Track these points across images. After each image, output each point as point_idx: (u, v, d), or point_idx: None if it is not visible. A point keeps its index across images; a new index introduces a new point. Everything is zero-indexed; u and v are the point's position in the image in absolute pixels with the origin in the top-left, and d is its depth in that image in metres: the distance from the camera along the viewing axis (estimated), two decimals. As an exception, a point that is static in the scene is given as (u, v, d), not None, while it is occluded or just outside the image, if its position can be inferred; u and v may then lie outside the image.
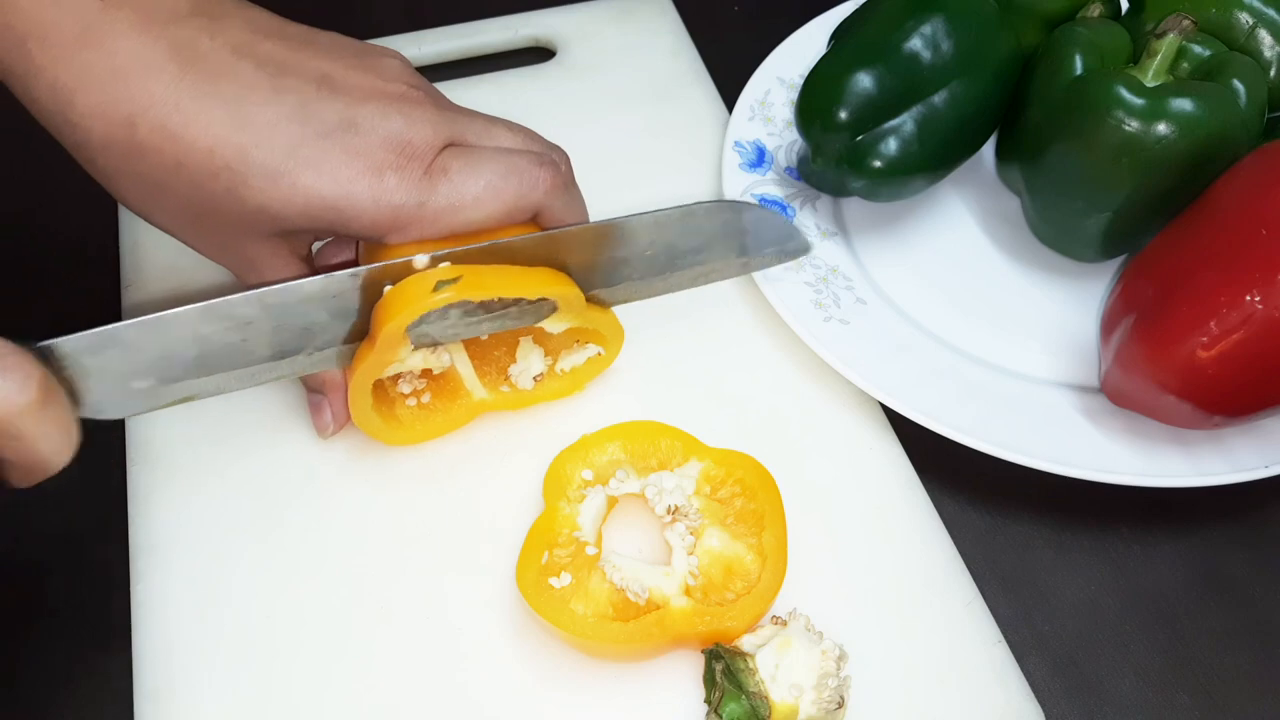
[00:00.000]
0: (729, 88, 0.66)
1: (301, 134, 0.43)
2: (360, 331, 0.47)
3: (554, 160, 0.48)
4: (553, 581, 0.46)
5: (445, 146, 0.45)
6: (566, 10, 0.70)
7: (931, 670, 0.46)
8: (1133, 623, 0.49)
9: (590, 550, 0.47)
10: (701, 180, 0.62)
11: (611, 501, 0.49)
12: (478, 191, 0.45)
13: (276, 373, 0.46)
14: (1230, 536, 0.52)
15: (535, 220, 0.48)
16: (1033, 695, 0.46)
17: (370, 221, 0.44)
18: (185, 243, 0.46)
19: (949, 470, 0.53)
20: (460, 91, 0.54)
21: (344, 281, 0.45)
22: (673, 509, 0.47)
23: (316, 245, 0.50)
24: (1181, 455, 0.51)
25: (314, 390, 0.51)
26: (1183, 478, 0.50)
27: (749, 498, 0.48)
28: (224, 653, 0.46)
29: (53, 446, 0.38)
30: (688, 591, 0.46)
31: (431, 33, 0.68)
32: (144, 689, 0.46)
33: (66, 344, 0.41)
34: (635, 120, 0.65)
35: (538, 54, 0.69)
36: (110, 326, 0.41)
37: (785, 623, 0.45)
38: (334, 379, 0.50)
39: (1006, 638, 0.47)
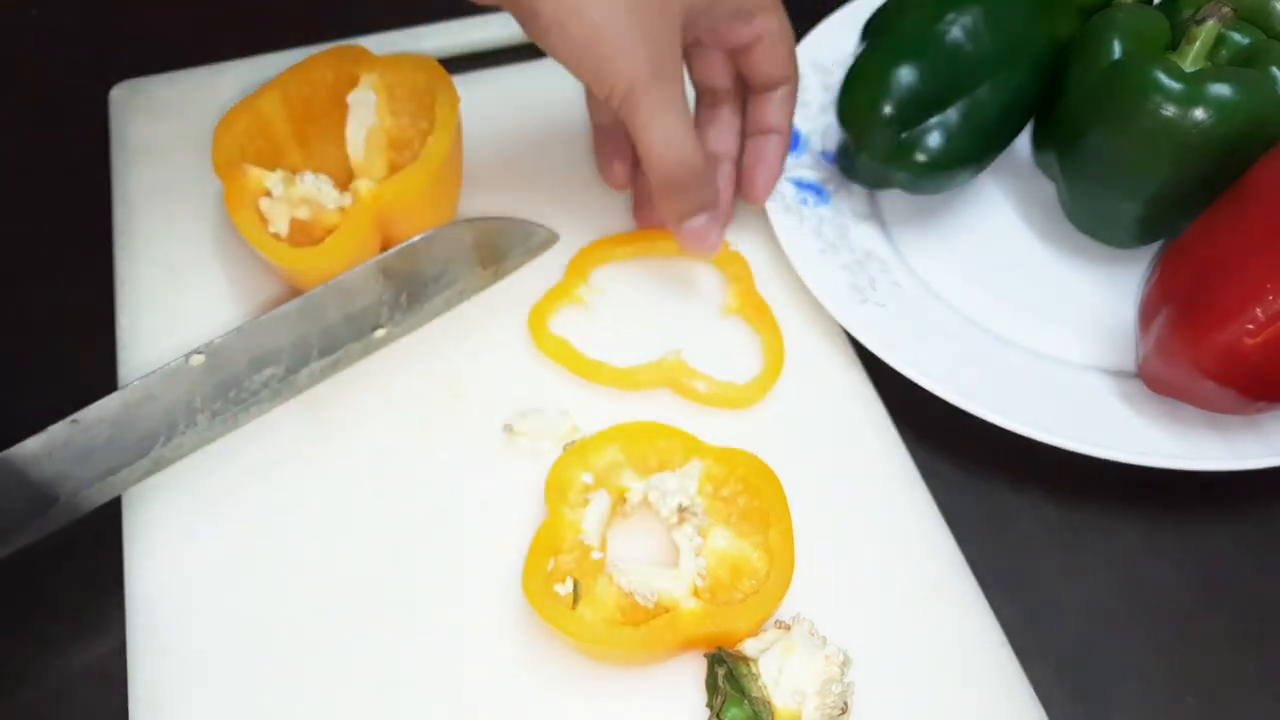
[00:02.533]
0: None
1: None
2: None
3: None
4: (559, 588, 0.45)
5: None
6: (566, 8, 0.70)
7: (936, 674, 0.46)
8: (1137, 626, 0.49)
9: (596, 555, 0.47)
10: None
11: (616, 504, 0.49)
12: None
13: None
14: (1235, 539, 0.52)
15: None
16: (1037, 699, 0.46)
17: None
18: None
19: (954, 473, 0.53)
20: (459, 89, 0.55)
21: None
22: (681, 509, 0.47)
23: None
24: (1218, 439, 0.51)
25: (703, 210, 0.52)
26: (1219, 461, 0.50)
27: (752, 495, 0.48)
28: (222, 654, 0.46)
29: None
30: (696, 593, 0.46)
31: (429, 28, 0.68)
32: (138, 690, 0.45)
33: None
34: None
35: (537, 51, 0.68)
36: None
37: (789, 627, 0.45)
38: (720, 194, 0.54)
39: (1010, 641, 0.47)
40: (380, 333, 0.53)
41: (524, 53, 0.68)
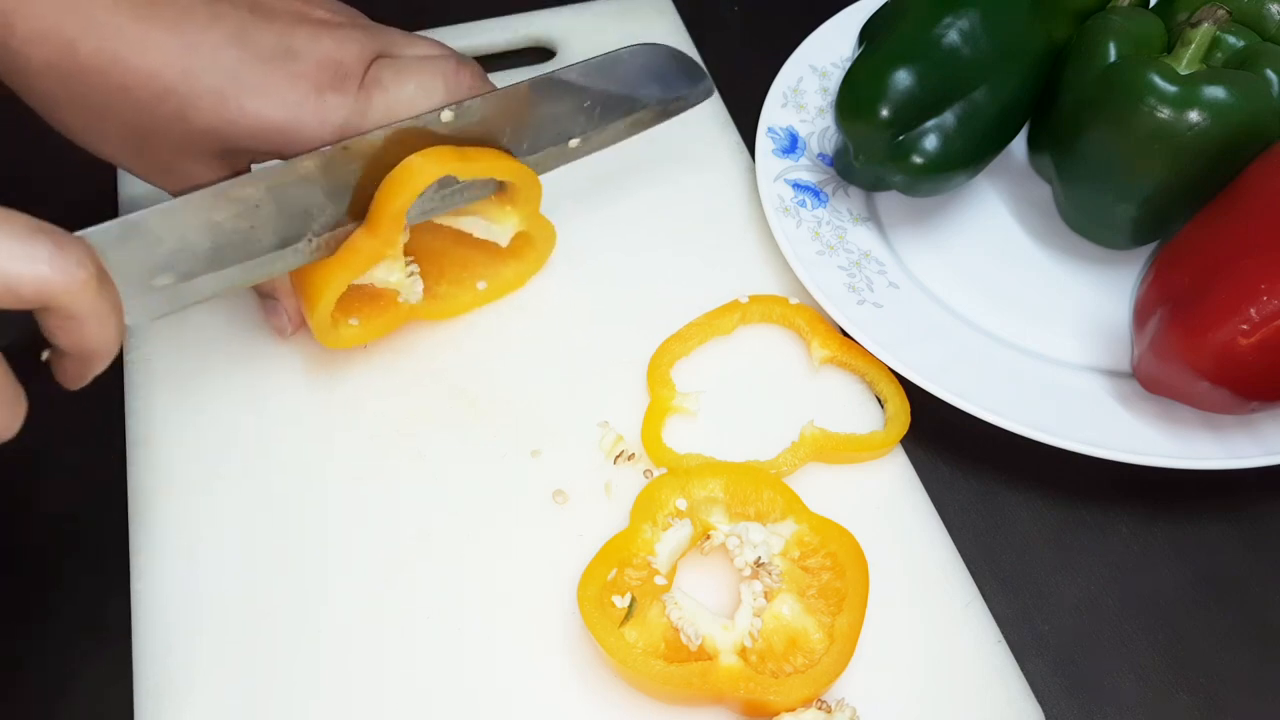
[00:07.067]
0: (728, 87, 0.66)
1: (241, 58, 0.44)
2: (354, 210, 0.48)
3: (471, 62, 0.51)
4: (615, 599, 0.45)
5: (373, 60, 0.47)
6: (566, 10, 0.70)
7: (931, 670, 0.46)
8: (1132, 622, 0.49)
9: (659, 580, 0.46)
10: (701, 179, 0.62)
11: (698, 538, 0.48)
12: (411, 94, 0.48)
13: (282, 264, 0.48)
14: (1230, 536, 0.52)
15: None
16: (1032, 695, 0.46)
17: (318, 140, 0.46)
18: (126, 168, 0.47)
19: (950, 472, 0.53)
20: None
21: (335, 154, 0.46)
22: (757, 564, 0.46)
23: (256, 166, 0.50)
24: (1212, 438, 0.51)
25: (266, 295, 0.53)
26: (1213, 460, 0.50)
27: (837, 574, 0.46)
28: (225, 652, 0.46)
29: (106, 333, 0.39)
30: (742, 652, 0.44)
31: (431, 33, 0.66)
32: (144, 688, 0.45)
33: (92, 235, 0.41)
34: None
35: (538, 54, 0.69)
36: (128, 216, 0.42)
37: (830, 710, 0.44)
38: (283, 284, 0.52)
39: (1006, 637, 0.47)
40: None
41: (529, 56, 0.69)
